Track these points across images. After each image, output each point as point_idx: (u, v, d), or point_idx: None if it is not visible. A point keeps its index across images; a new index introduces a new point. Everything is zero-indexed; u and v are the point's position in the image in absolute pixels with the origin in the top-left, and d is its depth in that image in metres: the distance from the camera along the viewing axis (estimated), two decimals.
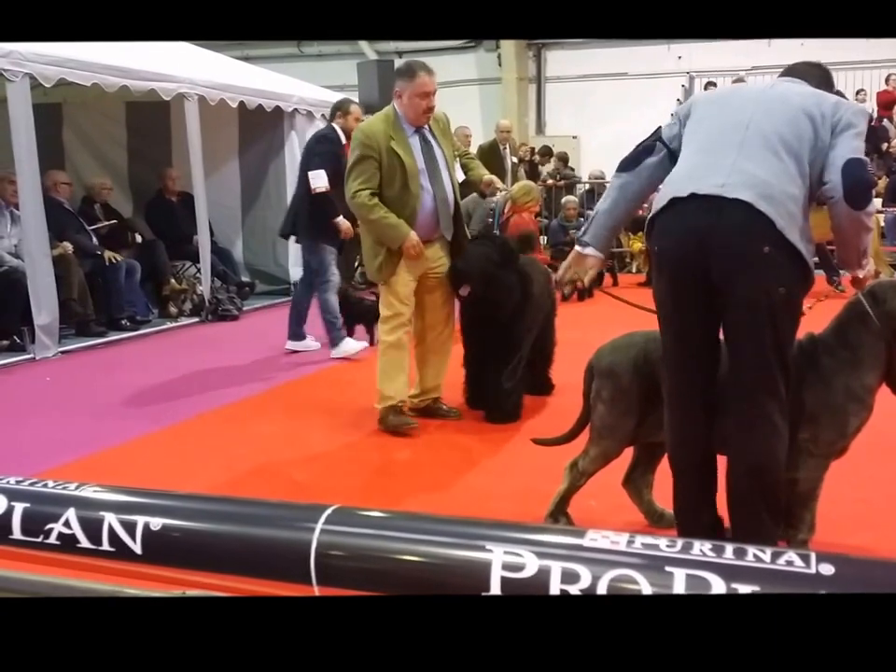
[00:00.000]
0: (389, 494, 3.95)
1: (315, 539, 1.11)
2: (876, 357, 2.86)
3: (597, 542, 1.08)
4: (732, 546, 1.07)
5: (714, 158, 2.74)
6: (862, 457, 3.76)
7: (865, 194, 2.68)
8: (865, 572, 1.03)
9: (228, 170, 10.21)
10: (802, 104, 2.74)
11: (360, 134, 4.70)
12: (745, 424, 2.73)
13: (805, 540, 2.96)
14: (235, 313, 8.89)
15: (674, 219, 2.75)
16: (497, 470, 4.25)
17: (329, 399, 5.62)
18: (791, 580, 1.01)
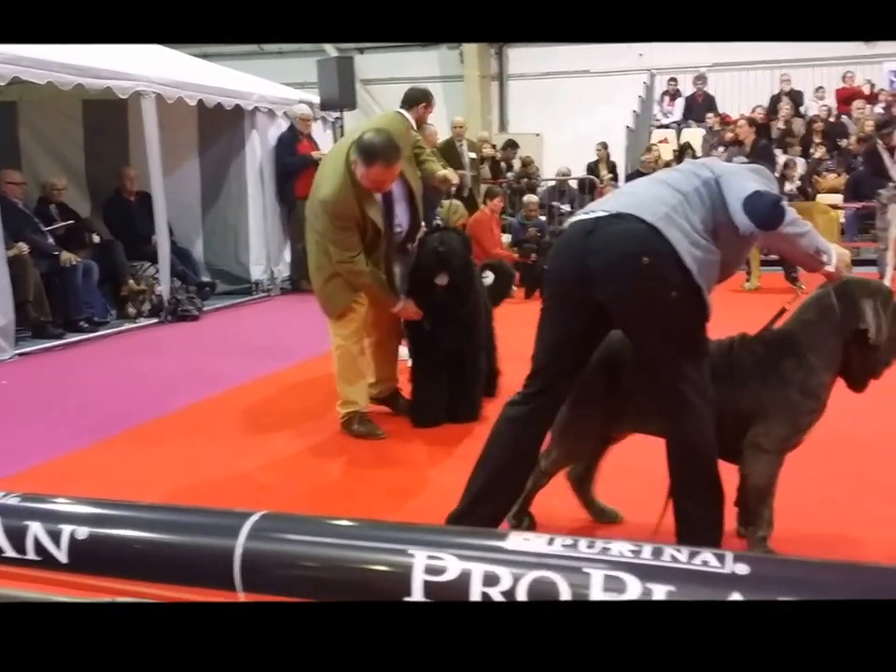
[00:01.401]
0: (354, 496, 3.94)
1: (240, 546, 1.12)
2: (834, 354, 2.89)
3: (519, 545, 1.10)
4: (650, 546, 1.09)
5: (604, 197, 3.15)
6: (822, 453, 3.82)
7: (775, 214, 2.75)
8: (780, 571, 1.05)
9: (187, 169, 10.12)
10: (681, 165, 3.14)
11: (331, 208, 4.40)
12: (669, 414, 2.82)
13: (764, 537, 2.97)
14: (195, 313, 8.82)
15: (558, 243, 3.00)
16: (461, 469, 4.22)
17: (293, 400, 5.59)
18: (706, 579, 1.03)
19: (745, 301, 8.52)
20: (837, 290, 2.90)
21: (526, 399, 2.95)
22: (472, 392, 5.05)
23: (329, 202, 4.41)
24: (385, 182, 4.42)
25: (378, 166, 4.27)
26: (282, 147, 10.17)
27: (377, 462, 4.42)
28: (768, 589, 1.02)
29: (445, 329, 4.86)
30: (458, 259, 4.79)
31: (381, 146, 4.27)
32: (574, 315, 2.85)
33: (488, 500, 2.97)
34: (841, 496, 3.65)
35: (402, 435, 4.82)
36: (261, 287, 10.33)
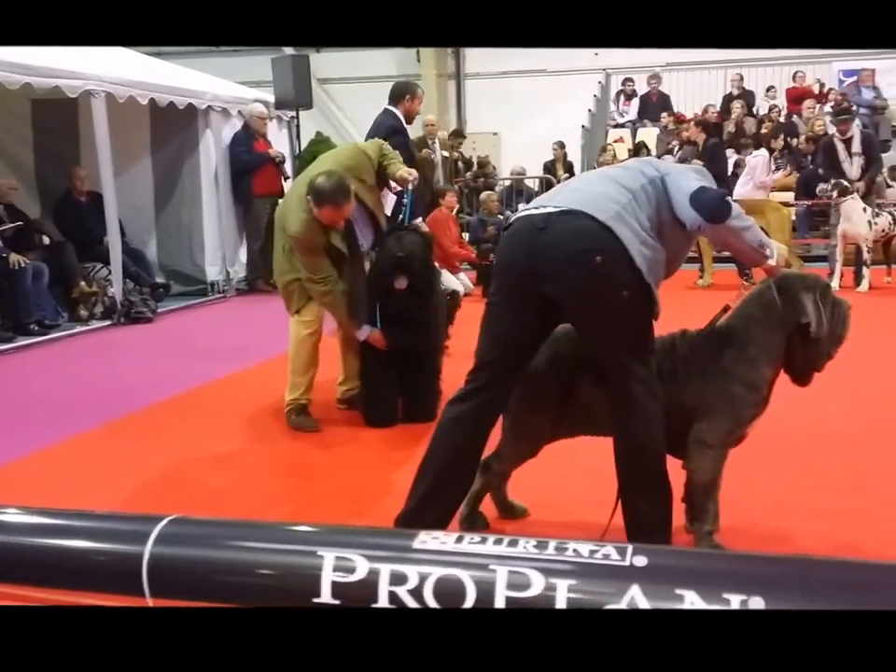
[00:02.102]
0: (308, 498, 3.93)
1: (148, 552, 1.12)
2: (777, 348, 2.93)
3: (427, 543, 1.11)
4: (554, 542, 1.11)
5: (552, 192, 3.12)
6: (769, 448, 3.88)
7: (722, 207, 2.82)
8: (677, 562, 1.08)
9: (139, 169, 10.02)
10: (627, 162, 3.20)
11: (302, 242, 4.66)
12: (619, 414, 2.85)
13: (710, 531, 3.00)
14: (149, 315, 8.74)
15: (507, 237, 2.98)
16: (413, 470, 4.24)
17: (247, 402, 5.55)
18: (607, 572, 1.06)
19: (699, 297, 8.63)
20: (777, 285, 2.94)
21: (470, 394, 2.95)
22: (430, 392, 5.05)
23: (296, 237, 4.70)
24: (339, 219, 4.64)
25: (327, 209, 4.54)
26: (238, 145, 10.11)
27: (334, 464, 4.41)
28: (665, 580, 1.04)
29: (402, 331, 4.86)
30: (418, 261, 4.80)
31: (330, 190, 4.52)
32: (523, 309, 2.86)
33: (434, 502, 2.97)
34: (788, 490, 3.70)
35: (360, 436, 4.81)
36: (217, 287, 10.26)
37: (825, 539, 3.17)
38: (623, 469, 2.87)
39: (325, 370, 5.16)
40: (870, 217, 8.96)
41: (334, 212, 4.55)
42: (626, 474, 2.87)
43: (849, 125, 9.24)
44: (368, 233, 4.99)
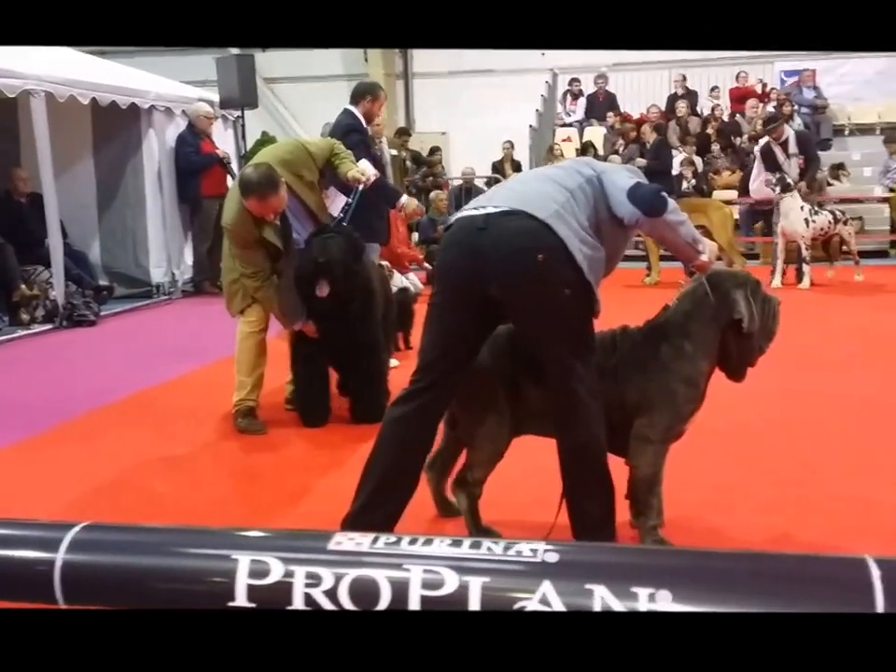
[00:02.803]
0: (254, 503, 3.88)
1: (60, 559, 1.11)
2: (712, 343, 2.97)
3: (342, 545, 1.12)
4: (469, 540, 1.12)
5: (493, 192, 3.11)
6: (713, 441, 3.94)
7: (658, 202, 2.87)
8: (587, 557, 1.10)
9: (81, 169, 9.87)
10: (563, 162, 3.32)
11: (233, 233, 4.71)
12: (562, 413, 2.87)
13: (655, 526, 3.04)
14: (92, 318, 8.60)
15: (448, 237, 2.96)
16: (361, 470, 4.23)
17: (194, 405, 5.49)
18: (519, 569, 1.08)
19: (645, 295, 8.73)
20: (709, 282, 2.99)
21: (413, 395, 2.95)
22: (373, 393, 5.03)
23: (228, 228, 4.74)
24: (266, 212, 4.60)
25: (253, 199, 4.51)
26: (185, 145, 10.00)
27: (281, 467, 4.38)
28: (576, 576, 1.06)
29: (331, 331, 4.85)
30: (339, 267, 4.69)
31: (256, 181, 4.50)
32: (465, 309, 2.87)
33: (381, 503, 2.96)
34: (733, 482, 3.75)
35: (308, 438, 4.79)
36: (162, 289, 10.14)
37: (767, 532, 3.22)
38: (566, 468, 2.89)
39: (274, 372, 5.14)
40: (807, 216, 9.12)
41: (260, 203, 4.51)
42: (570, 473, 2.89)
43: (781, 130, 9.40)
44: (304, 230, 4.96)
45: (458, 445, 3.31)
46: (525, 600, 1.10)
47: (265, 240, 4.70)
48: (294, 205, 4.82)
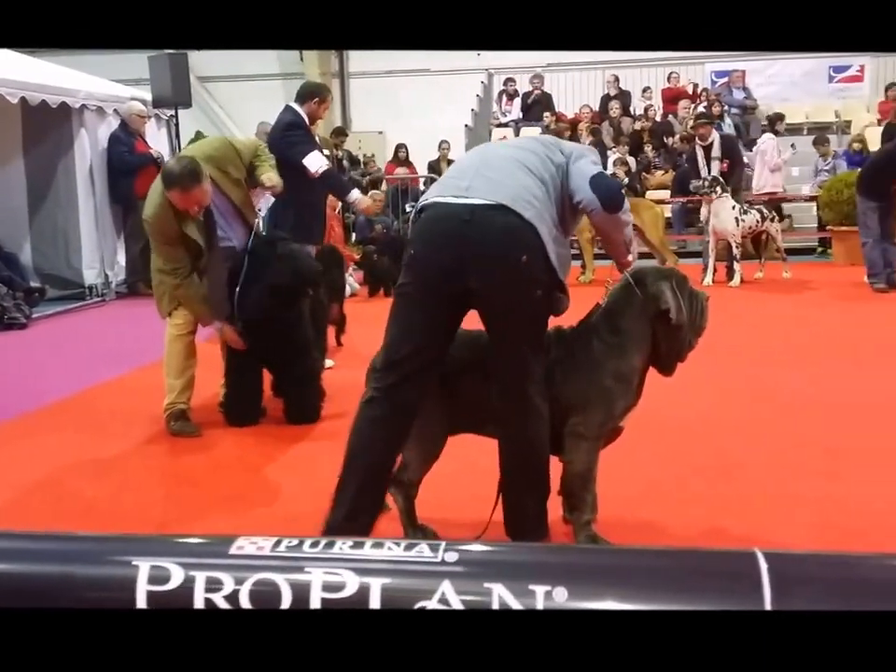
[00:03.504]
0: (188, 505, 3.85)
1: None
2: (642, 339, 3.01)
3: (244, 549, 1.13)
4: (371, 541, 1.14)
5: (458, 170, 2.99)
6: (647, 438, 4.00)
7: (618, 198, 2.93)
8: (486, 556, 1.13)
9: (11, 170, 9.66)
10: (536, 138, 3.13)
11: (151, 227, 4.66)
12: (513, 412, 2.86)
13: (588, 521, 3.07)
14: (23, 321, 8.44)
15: (427, 225, 2.86)
16: (300, 471, 4.22)
17: (126, 408, 5.41)
18: (419, 569, 1.10)
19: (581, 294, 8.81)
20: (634, 277, 3.04)
21: (385, 393, 2.86)
22: (307, 394, 5.03)
23: (148, 221, 4.67)
24: (188, 204, 4.54)
25: (175, 192, 4.47)
26: (118, 144, 9.85)
27: (215, 469, 4.35)
28: (475, 575, 1.09)
29: (265, 334, 4.84)
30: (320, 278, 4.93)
31: (177, 173, 4.46)
32: (440, 301, 2.80)
33: (364, 509, 2.89)
34: (664, 478, 3.81)
35: (242, 440, 4.76)
36: (95, 291, 9.97)
37: (698, 526, 3.28)
38: (511, 466, 2.89)
39: (206, 374, 5.10)
40: (738, 215, 9.33)
41: (183, 195, 4.46)
42: (514, 471, 2.88)
43: (708, 129, 9.58)
44: (238, 228, 4.94)
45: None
46: (424, 600, 1.12)
47: (186, 236, 4.64)
48: (220, 202, 4.79)
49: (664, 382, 3.16)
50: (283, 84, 15.70)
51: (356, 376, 3.28)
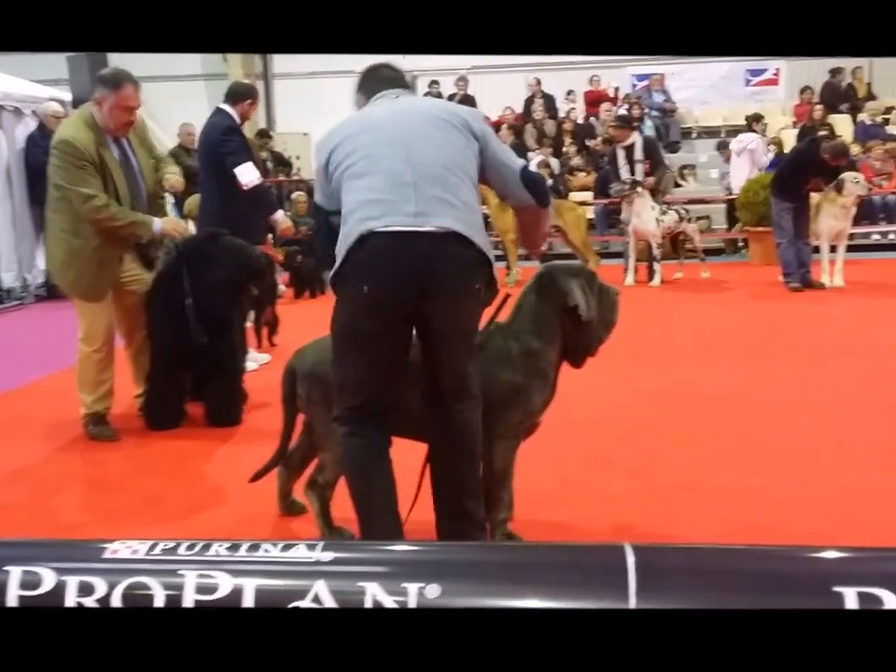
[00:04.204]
0: (105, 510, 3.77)
1: None
2: (554, 335, 3.04)
3: (118, 553, 1.13)
4: (247, 543, 1.15)
5: (392, 183, 2.70)
6: (559, 436, 4.05)
7: (547, 193, 2.98)
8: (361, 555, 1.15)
9: None
10: (443, 118, 2.84)
11: (69, 146, 4.42)
12: (450, 417, 2.84)
13: (505, 519, 3.09)
14: None
15: (381, 260, 2.67)
16: (220, 474, 4.18)
17: (44, 413, 5.29)
18: (295, 568, 1.11)
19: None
20: (546, 275, 3.08)
21: (366, 439, 2.81)
22: (233, 395, 4.99)
23: (65, 139, 4.45)
24: (136, 107, 4.48)
25: (127, 87, 4.40)
26: (35, 146, 9.63)
27: (134, 473, 4.28)
28: (349, 574, 1.11)
29: (206, 332, 4.76)
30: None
31: (123, 71, 4.45)
32: (400, 333, 2.77)
33: (396, 530, 2.80)
34: (581, 476, 3.86)
35: (161, 444, 4.69)
36: (13, 294, 9.77)
37: (612, 522, 3.34)
38: (448, 470, 2.87)
39: (126, 378, 5.01)
40: (658, 215, 9.52)
41: (135, 90, 4.41)
42: (453, 475, 2.87)
43: (625, 133, 9.74)
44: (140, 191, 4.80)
45: (313, 446, 3.30)
46: (298, 600, 1.13)
47: (106, 167, 4.48)
48: (135, 161, 4.69)
49: (584, 381, 3.19)
50: (206, 85, 15.51)
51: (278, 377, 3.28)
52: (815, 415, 4.63)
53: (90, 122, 4.47)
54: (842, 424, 4.46)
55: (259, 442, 3.55)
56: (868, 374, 5.39)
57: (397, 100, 2.98)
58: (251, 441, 4.43)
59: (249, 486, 3.52)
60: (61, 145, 4.46)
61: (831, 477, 3.71)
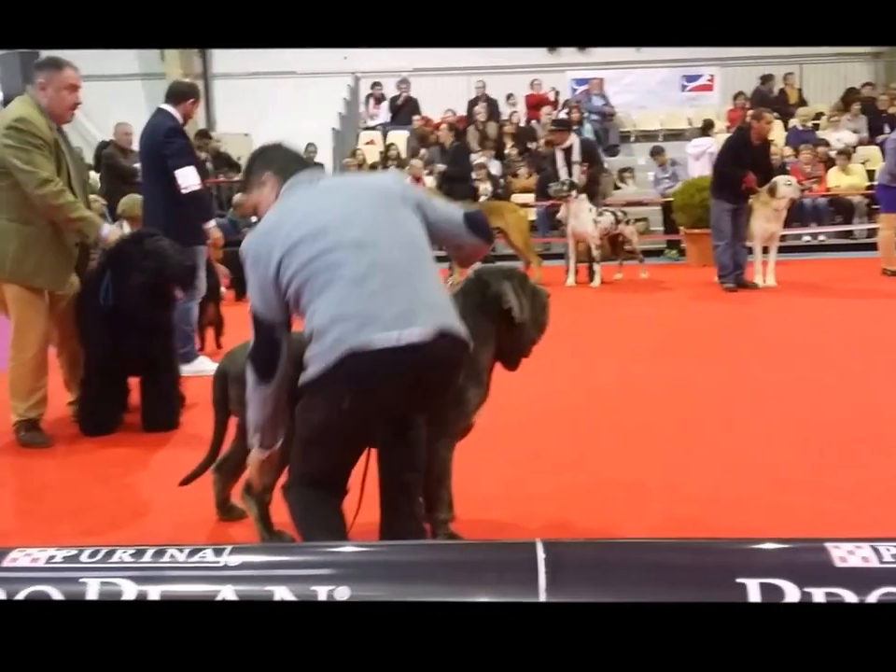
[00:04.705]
0: (35, 517, 3.67)
1: None
2: (488, 337, 3.04)
3: (17, 561, 1.11)
4: (153, 549, 1.14)
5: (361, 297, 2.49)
6: (496, 437, 4.06)
7: (490, 229, 2.95)
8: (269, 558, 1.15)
9: None
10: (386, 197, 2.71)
11: (27, 124, 4.29)
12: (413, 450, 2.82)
13: (446, 520, 3.09)
14: None
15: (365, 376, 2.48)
16: (155, 481, 4.11)
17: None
18: (202, 573, 1.10)
19: None
20: (479, 278, 3.09)
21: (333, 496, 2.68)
22: (170, 398, 4.93)
23: (22, 117, 4.32)
24: (79, 87, 4.48)
25: (68, 68, 4.43)
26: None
27: (66, 480, 4.18)
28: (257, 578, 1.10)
29: (138, 335, 4.69)
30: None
31: (55, 56, 4.46)
32: (381, 422, 2.69)
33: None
34: (518, 475, 3.86)
35: (95, 450, 4.59)
36: None
37: (548, 519, 3.35)
38: (403, 496, 2.83)
39: (59, 382, 4.92)
40: (595, 217, 9.61)
41: (74, 74, 4.43)
42: (406, 501, 2.83)
43: (563, 136, 9.83)
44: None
45: (247, 450, 3.28)
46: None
47: (59, 149, 4.42)
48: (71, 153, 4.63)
49: (524, 381, 3.21)
50: (143, 85, 15.32)
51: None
52: (746, 412, 4.71)
53: (37, 107, 4.39)
54: (772, 420, 4.55)
55: (198, 447, 3.50)
56: (798, 372, 5.51)
57: (328, 186, 2.75)
58: (189, 446, 4.36)
59: (187, 492, 3.48)
60: (18, 122, 4.30)
61: (761, 472, 3.78)
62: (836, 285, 9.25)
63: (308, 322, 2.56)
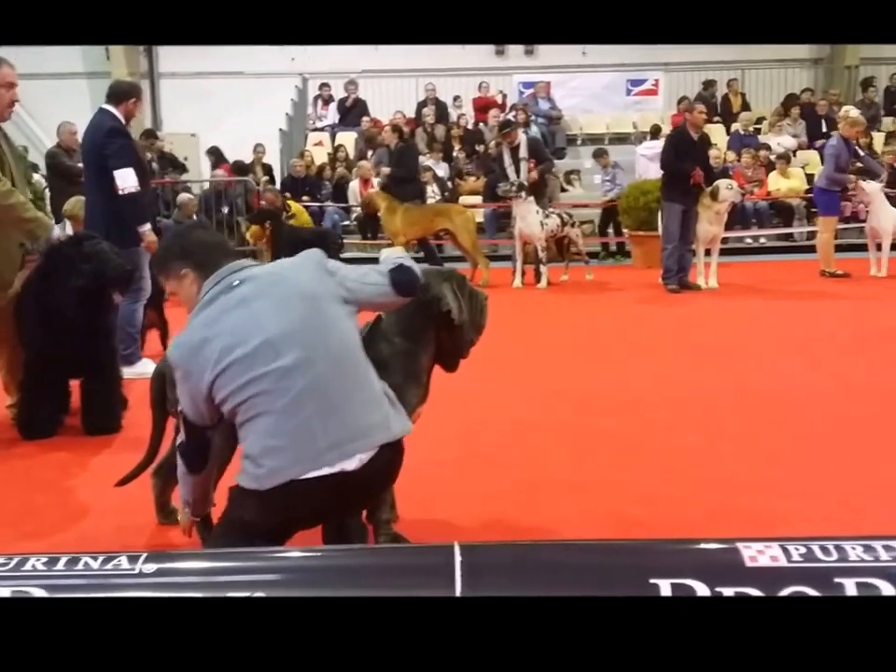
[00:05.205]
0: None
1: None
2: (427, 339, 3.07)
3: None
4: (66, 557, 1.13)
5: (296, 428, 2.42)
6: (439, 437, 4.07)
7: (418, 281, 2.80)
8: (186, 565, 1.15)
9: None
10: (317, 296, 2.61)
11: None
12: None
13: (388, 520, 3.10)
14: None
15: (297, 504, 2.41)
16: (99, 483, 4.04)
17: None
18: (116, 581, 1.10)
19: None
20: None
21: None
22: (111, 402, 4.87)
23: None
24: (16, 84, 4.48)
25: (6, 66, 4.43)
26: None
27: (5, 483, 4.10)
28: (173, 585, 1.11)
29: (78, 337, 4.64)
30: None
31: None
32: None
33: None
34: (463, 475, 3.87)
35: (36, 453, 4.52)
36: None
37: (490, 519, 3.38)
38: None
39: None
40: (542, 219, 9.68)
41: (10, 71, 4.42)
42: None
43: (512, 135, 9.89)
44: None
45: None
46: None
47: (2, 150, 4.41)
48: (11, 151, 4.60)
49: (470, 382, 3.21)
50: (88, 83, 15.09)
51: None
52: (686, 411, 4.80)
53: None
54: (712, 419, 4.63)
55: (140, 449, 3.46)
56: (738, 371, 5.62)
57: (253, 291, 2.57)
58: (131, 450, 4.27)
59: (128, 496, 3.45)
60: None
61: (701, 470, 3.86)
62: (776, 286, 9.44)
63: (242, 441, 2.51)
